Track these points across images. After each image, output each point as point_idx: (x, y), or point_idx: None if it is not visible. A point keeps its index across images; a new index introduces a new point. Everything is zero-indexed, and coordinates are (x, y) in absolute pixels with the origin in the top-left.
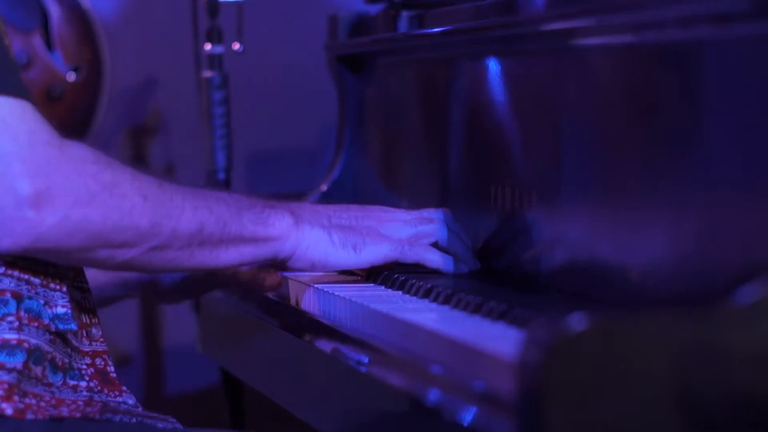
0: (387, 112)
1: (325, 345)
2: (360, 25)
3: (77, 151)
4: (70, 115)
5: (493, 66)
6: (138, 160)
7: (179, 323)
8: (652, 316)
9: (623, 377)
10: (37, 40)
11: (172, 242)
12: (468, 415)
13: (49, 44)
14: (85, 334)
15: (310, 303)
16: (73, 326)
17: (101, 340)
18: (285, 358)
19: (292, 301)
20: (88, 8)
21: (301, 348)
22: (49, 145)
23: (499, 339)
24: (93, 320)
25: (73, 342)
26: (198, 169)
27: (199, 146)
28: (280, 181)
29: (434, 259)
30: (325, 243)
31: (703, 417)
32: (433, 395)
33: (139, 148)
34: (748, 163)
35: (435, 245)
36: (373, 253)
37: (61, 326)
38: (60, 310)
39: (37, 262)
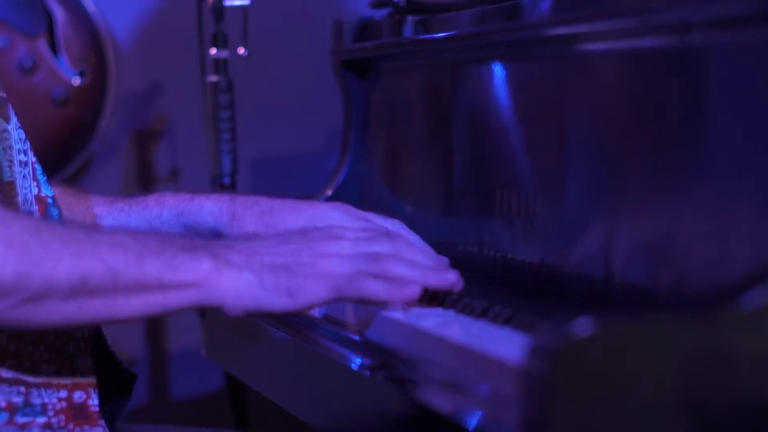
0: (392, 116)
1: (333, 350)
2: (365, 30)
3: None
4: (76, 119)
5: (498, 71)
6: (143, 164)
7: (184, 328)
8: (657, 320)
9: (628, 382)
10: (43, 45)
11: (49, 294)
12: (473, 420)
13: (54, 48)
14: (69, 366)
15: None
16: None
17: (90, 370)
18: (290, 363)
19: None
20: (94, 13)
21: (306, 352)
22: None
23: (504, 343)
24: (83, 351)
25: (44, 378)
26: (203, 174)
27: (204, 150)
28: (286, 185)
29: (376, 289)
30: (255, 289)
31: (708, 422)
32: (438, 399)
33: (144, 152)
34: (754, 168)
35: None
36: (310, 296)
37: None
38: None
39: None
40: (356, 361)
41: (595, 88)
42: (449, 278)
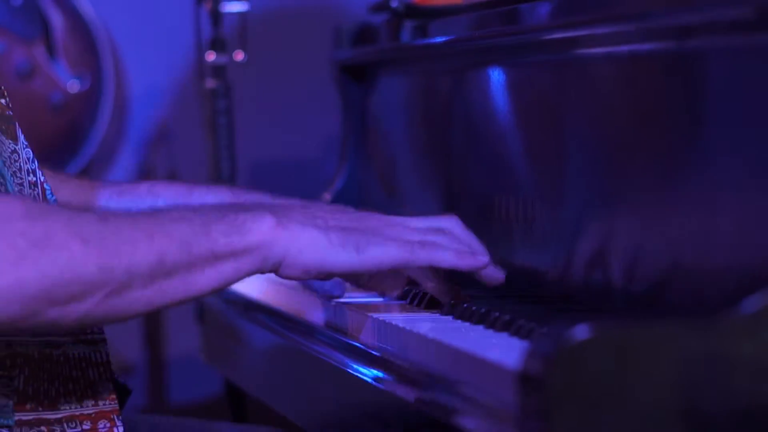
0: (391, 122)
1: (331, 356)
2: (363, 35)
3: (5, 210)
4: (73, 124)
5: (496, 75)
6: (141, 170)
7: (182, 332)
8: (656, 325)
9: (627, 387)
10: (40, 50)
11: (131, 282)
12: (472, 425)
13: (52, 54)
14: (89, 393)
15: (316, 315)
16: (11, 422)
17: (111, 396)
18: (289, 368)
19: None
20: (91, 18)
21: (305, 357)
22: None
23: (502, 349)
24: (103, 376)
25: (65, 412)
26: (202, 179)
27: (202, 156)
28: (284, 191)
29: (447, 257)
30: (321, 243)
31: (707, 427)
32: (436, 405)
33: (142, 157)
34: (754, 173)
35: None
36: (379, 253)
37: None
38: (0, 401)
39: None
40: (355, 367)
41: (594, 92)
42: (500, 274)
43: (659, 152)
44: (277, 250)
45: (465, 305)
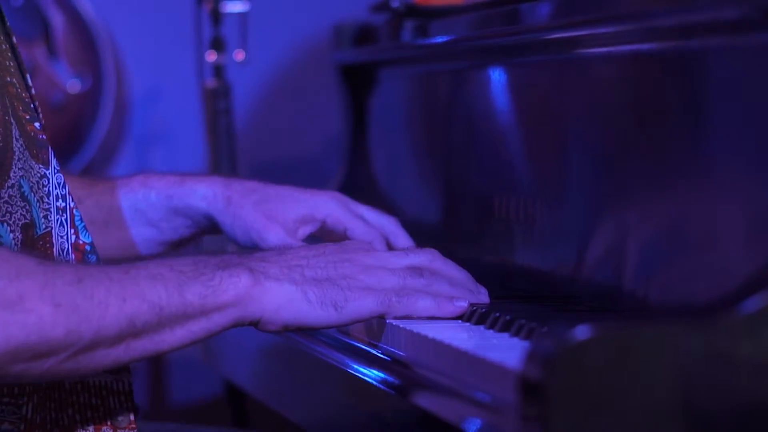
0: (391, 121)
1: (332, 356)
2: (364, 34)
3: None
4: (73, 124)
5: (497, 75)
6: (142, 170)
7: None
8: (656, 325)
9: (628, 387)
10: (40, 50)
11: (98, 343)
12: (473, 425)
13: (52, 53)
14: (108, 423)
15: None
16: None
17: (131, 426)
18: (290, 369)
19: None
20: (92, 18)
21: (307, 358)
22: None
23: (503, 349)
24: (124, 405)
25: None
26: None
27: (203, 156)
28: None
29: (426, 306)
30: (298, 302)
31: (707, 427)
32: (438, 405)
33: (142, 158)
34: (755, 173)
35: None
36: (357, 310)
37: None
38: (5, 427)
39: None
40: (354, 367)
41: (595, 92)
42: (484, 297)
43: (660, 152)
44: (253, 308)
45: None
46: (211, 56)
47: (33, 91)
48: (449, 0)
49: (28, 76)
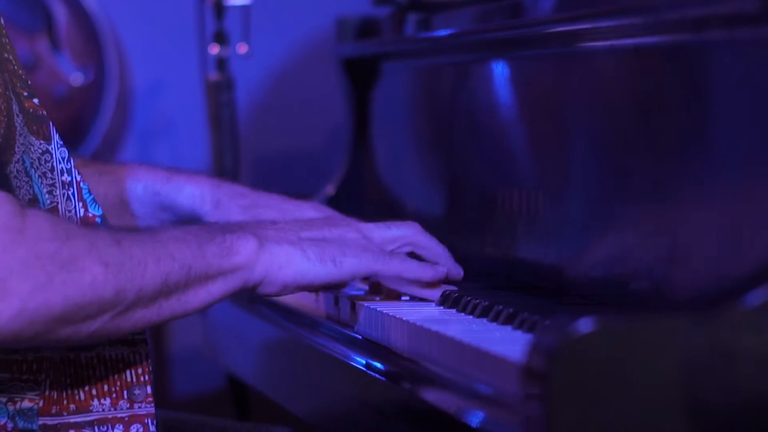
0: (394, 115)
1: (334, 348)
2: (367, 28)
3: (35, 229)
4: (76, 117)
5: (500, 69)
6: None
7: (185, 326)
8: (659, 319)
9: (630, 380)
10: (43, 43)
11: (138, 303)
12: (476, 418)
13: (54, 45)
14: (125, 396)
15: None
16: (35, 426)
17: (148, 399)
18: (291, 361)
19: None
20: (95, 11)
21: (307, 350)
22: (7, 228)
23: (506, 342)
24: (141, 378)
25: (98, 414)
26: (205, 172)
27: (206, 149)
28: (287, 184)
29: (413, 269)
30: (298, 259)
31: (710, 420)
32: (441, 398)
33: (145, 151)
34: (757, 167)
35: (412, 255)
36: (355, 264)
37: (21, 424)
38: (26, 404)
39: (9, 351)
40: (357, 359)
41: (598, 86)
42: (460, 271)
43: (662, 146)
44: (258, 270)
45: (468, 298)
46: (214, 49)
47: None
48: None
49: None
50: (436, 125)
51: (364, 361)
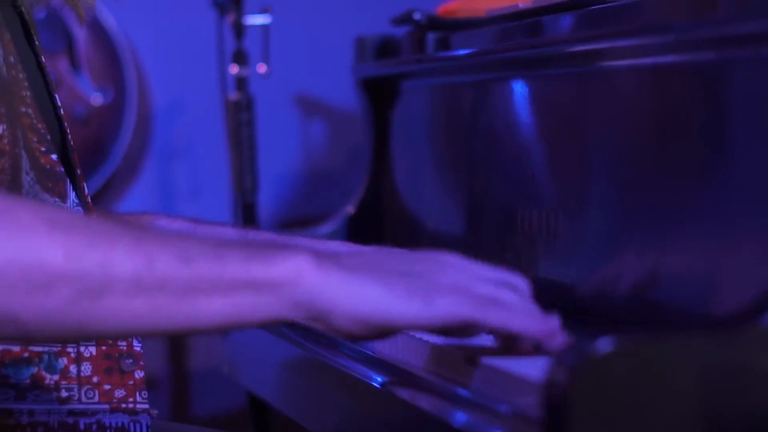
0: (414, 134)
1: (355, 368)
2: (386, 47)
3: None
4: (96, 137)
5: (519, 88)
6: (164, 183)
7: (206, 345)
8: (678, 338)
9: (649, 400)
10: (62, 63)
11: (110, 284)
12: None
13: (74, 66)
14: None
15: None
16: None
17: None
18: (312, 381)
19: None
20: (115, 31)
21: (328, 370)
22: None
23: (526, 361)
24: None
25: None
26: (225, 192)
27: (225, 168)
28: (306, 204)
29: (524, 323)
30: (380, 291)
31: None
32: (460, 417)
33: (165, 171)
34: None
35: None
36: (449, 307)
37: None
38: None
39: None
40: (377, 380)
41: (617, 104)
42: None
43: (682, 164)
44: (319, 296)
45: None
46: (234, 69)
47: (62, 111)
48: (471, 12)
49: (57, 97)
50: (456, 144)
51: (382, 381)
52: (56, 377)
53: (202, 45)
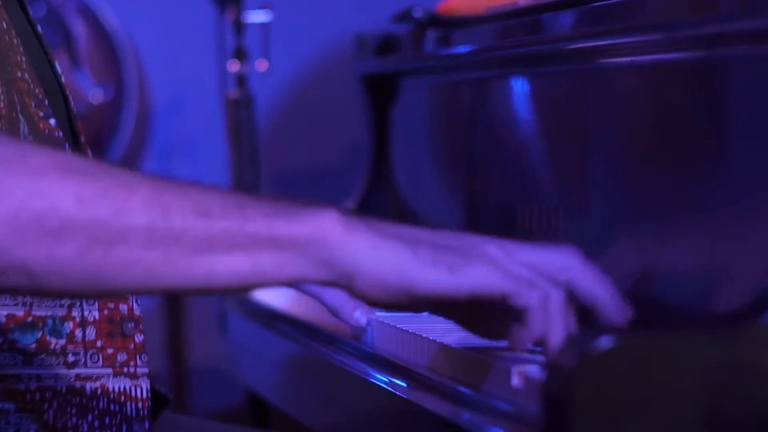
0: (414, 131)
1: (353, 365)
2: (386, 44)
3: None
4: (96, 134)
5: (519, 85)
6: None
7: (205, 342)
8: (680, 336)
9: (650, 398)
10: (62, 59)
11: (125, 234)
12: None
13: (74, 62)
14: (124, 430)
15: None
16: None
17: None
18: (311, 378)
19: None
20: (115, 28)
21: (327, 367)
22: None
23: (527, 359)
24: (141, 413)
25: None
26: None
27: (225, 166)
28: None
29: (558, 307)
30: (405, 256)
31: None
32: (460, 415)
33: (165, 167)
34: None
35: None
36: (476, 277)
37: None
38: None
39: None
40: (377, 377)
41: (617, 102)
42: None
43: (683, 162)
44: (344, 256)
45: None
46: (234, 66)
47: (63, 80)
48: (471, 10)
49: (57, 65)
50: (456, 141)
51: (385, 379)
52: (62, 342)
53: (202, 42)
